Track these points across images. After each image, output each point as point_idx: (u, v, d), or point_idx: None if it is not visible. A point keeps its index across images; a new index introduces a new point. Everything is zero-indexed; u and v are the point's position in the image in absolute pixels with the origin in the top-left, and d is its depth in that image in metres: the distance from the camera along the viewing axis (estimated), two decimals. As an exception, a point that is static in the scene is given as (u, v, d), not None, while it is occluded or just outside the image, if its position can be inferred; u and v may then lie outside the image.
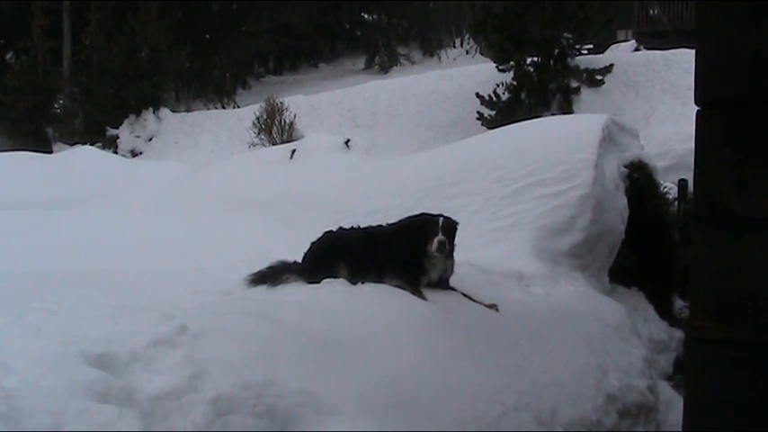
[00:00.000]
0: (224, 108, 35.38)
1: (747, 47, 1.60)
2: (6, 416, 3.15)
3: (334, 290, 5.81)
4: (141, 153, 29.20)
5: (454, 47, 46.00)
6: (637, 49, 31.86)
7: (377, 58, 44.76)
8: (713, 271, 1.65)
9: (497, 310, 6.02)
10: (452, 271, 6.27)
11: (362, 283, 6.05)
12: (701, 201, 1.67)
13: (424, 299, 5.80)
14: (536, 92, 24.38)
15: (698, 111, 1.68)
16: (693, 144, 1.70)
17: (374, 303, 5.51)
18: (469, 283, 6.29)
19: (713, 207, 1.63)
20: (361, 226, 6.88)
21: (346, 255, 6.47)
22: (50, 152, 25.75)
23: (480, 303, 6.05)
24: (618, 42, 35.03)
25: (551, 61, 24.80)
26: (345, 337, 4.79)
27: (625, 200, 9.05)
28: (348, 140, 13.63)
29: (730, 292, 1.64)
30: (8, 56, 38.01)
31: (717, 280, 1.65)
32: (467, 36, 41.71)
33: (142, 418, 3.44)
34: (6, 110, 31.16)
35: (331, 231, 6.89)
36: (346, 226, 6.92)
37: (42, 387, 3.40)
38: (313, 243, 6.80)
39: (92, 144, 25.85)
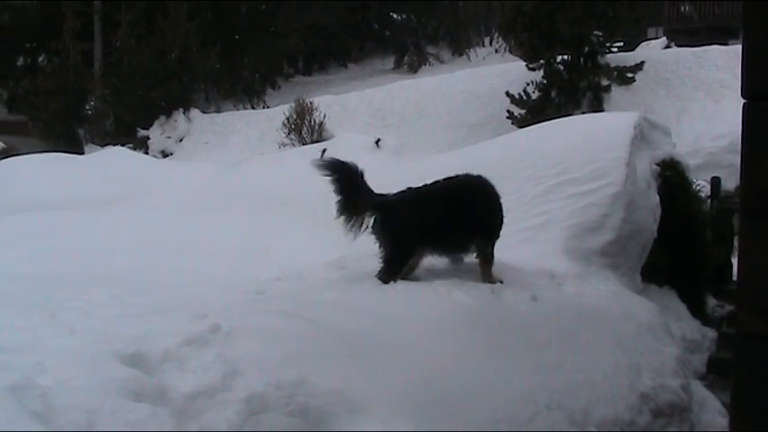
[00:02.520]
0: (253, 108, 35.54)
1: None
2: (41, 414, 3.17)
3: (366, 288, 5.81)
4: (172, 154, 29.38)
5: (483, 46, 45.86)
6: (667, 47, 31.66)
7: (406, 57, 44.73)
8: (760, 265, 1.62)
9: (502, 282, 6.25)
10: None
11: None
12: (748, 194, 1.64)
13: None
14: (566, 90, 24.28)
15: (744, 103, 1.65)
16: (726, 142, 1.67)
17: (406, 302, 5.50)
18: (500, 280, 6.28)
19: (761, 200, 1.61)
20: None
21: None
22: (82, 153, 25.99)
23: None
24: (648, 40, 34.81)
25: (581, 59, 24.68)
26: (377, 336, 4.78)
27: (657, 198, 8.98)
28: (378, 140, 13.64)
29: (779, 287, 1.61)
30: (40, 58, 38.41)
31: (763, 274, 1.62)
32: (496, 35, 41.54)
33: (175, 417, 3.45)
34: (38, 111, 31.49)
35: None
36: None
37: (76, 385, 3.42)
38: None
39: (123, 145, 26.01)
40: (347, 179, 6.59)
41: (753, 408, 1.66)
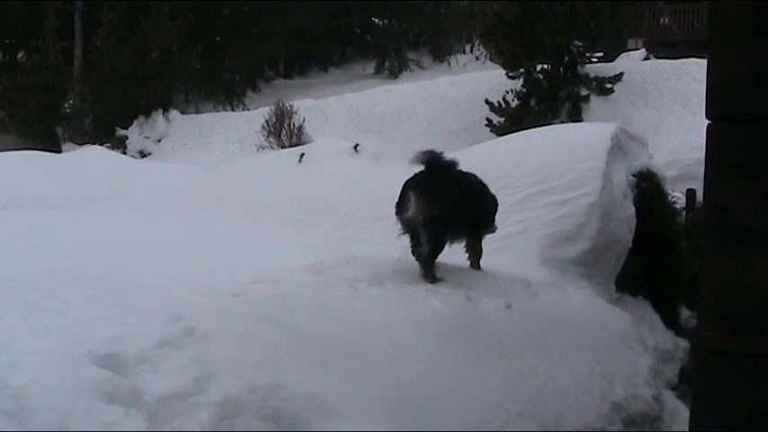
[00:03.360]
0: (233, 110, 35.54)
1: (764, 61, 1.61)
2: (13, 414, 3.17)
3: (342, 294, 5.82)
4: (150, 154, 29.29)
5: (464, 53, 46.07)
6: (647, 58, 31.87)
7: (387, 63, 44.88)
8: (723, 282, 1.66)
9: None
10: None
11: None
12: (711, 213, 1.68)
13: None
14: (545, 99, 24.42)
15: (708, 125, 1.69)
16: (703, 154, 1.71)
17: (381, 308, 5.52)
18: (477, 289, 6.30)
19: (724, 219, 1.64)
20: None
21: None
22: (60, 152, 25.84)
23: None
24: (628, 51, 35.03)
25: (561, 69, 24.85)
26: (352, 341, 4.80)
27: (633, 209, 9.05)
28: (357, 145, 13.61)
29: (740, 304, 1.64)
30: (19, 55, 38.18)
31: (726, 291, 1.65)
32: (477, 42, 41.72)
33: (148, 419, 3.45)
34: (17, 109, 31.30)
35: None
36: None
37: (49, 386, 3.42)
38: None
39: (101, 144, 25.89)
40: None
41: (712, 423, 1.69)
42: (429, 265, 6.48)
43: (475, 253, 7.11)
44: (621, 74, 24.92)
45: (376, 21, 47.80)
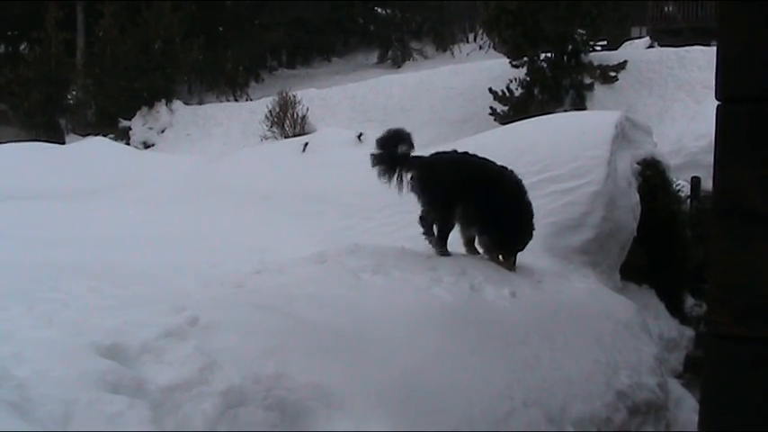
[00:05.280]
0: (236, 101, 35.44)
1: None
2: (17, 404, 3.16)
3: (345, 283, 5.81)
4: (153, 145, 29.23)
5: (467, 42, 45.94)
6: (651, 46, 31.78)
7: (390, 52, 44.75)
8: (731, 266, 1.64)
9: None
10: None
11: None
12: (720, 195, 1.66)
13: None
14: (549, 88, 24.35)
15: (718, 106, 1.67)
16: (707, 142, 1.70)
17: (385, 297, 5.51)
18: (481, 278, 6.29)
19: (733, 202, 1.62)
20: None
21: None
22: (63, 143, 25.77)
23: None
24: (632, 39, 34.96)
25: (565, 57, 24.77)
26: (356, 331, 4.79)
27: (637, 197, 9.03)
28: (361, 134, 13.58)
29: (749, 288, 1.63)
30: (22, 47, 38.14)
31: (735, 275, 1.63)
32: (480, 32, 41.55)
33: (152, 409, 3.44)
34: (20, 101, 31.24)
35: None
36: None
37: (54, 377, 3.41)
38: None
39: (104, 135, 25.81)
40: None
41: (722, 409, 1.67)
42: (438, 240, 7.06)
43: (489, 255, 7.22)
44: (625, 62, 24.86)
45: (379, 10, 47.65)
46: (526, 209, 7.16)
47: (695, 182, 13.27)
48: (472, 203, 7.00)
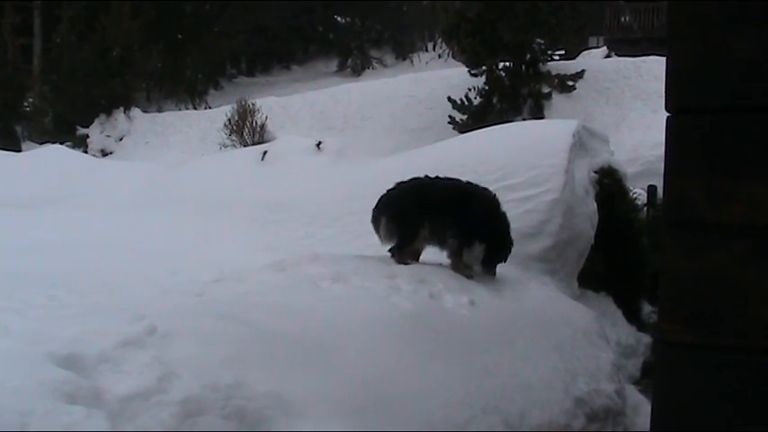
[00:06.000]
0: (195, 109, 35.29)
1: (722, 53, 1.63)
2: (-27, 416, 3.13)
3: (304, 291, 5.80)
4: (112, 153, 28.99)
5: (427, 51, 46.12)
6: (608, 56, 32.08)
7: (349, 60, 44.81)
8: (682, 274, 1.67)
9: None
10: None
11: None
12: (670, 205, 1.70)
13: None
14: (508, 97, 24.51)
15: (668, 117, 1.71)
16: (663, 151, 1.72)
17: (345, 306, 5.51)
18: (440, 286, 6.31)
19: (683, 212, 1.66)
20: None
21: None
22: (19, 150, 25.49)
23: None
24: (589, 49, 35.26)
25: (523, 66, 24.95)
26: (316, 339, 4.79)
27: (595, 205, 9.10)
28: (320, 143, 13.58)
29: (699, 296, 1.66)
30: (-23, 53, 37.70)
31: (686, 283, 1.67)
32: (439, 40, 41.77)
33: (110, 419, 3.42)
34: (-25, 107, 30.88)
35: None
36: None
37: (10, 387, 3.38)
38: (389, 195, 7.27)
39: (61, 143, 25.56)
40: None
41: (673, 415, 1.71)
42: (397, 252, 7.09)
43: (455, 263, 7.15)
44: (583, 71, 25.09)
45: (338, 18, 47.72)
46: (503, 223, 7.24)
47: (651, 190, 13.41)
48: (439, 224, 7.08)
